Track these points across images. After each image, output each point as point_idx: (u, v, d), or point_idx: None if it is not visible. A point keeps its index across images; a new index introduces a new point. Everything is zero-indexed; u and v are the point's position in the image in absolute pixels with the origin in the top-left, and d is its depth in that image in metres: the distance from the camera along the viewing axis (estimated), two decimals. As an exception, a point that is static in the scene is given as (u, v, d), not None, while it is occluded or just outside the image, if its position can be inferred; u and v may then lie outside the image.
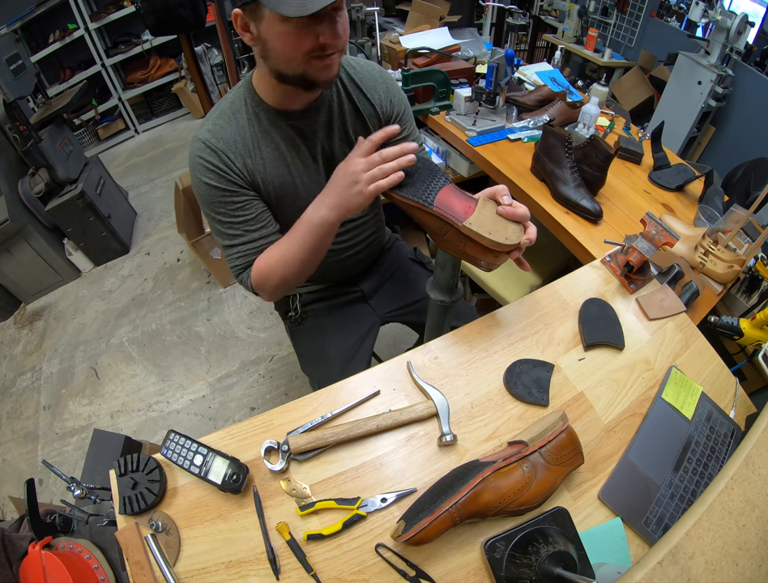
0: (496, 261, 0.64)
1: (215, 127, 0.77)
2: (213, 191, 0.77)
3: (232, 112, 0.78)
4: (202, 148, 0.76)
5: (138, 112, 3.80)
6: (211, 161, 0.75)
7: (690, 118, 2.53)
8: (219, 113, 0.79)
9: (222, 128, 0.77)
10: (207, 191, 0.77)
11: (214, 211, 0.79)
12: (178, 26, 1.87)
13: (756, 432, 0.51)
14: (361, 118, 0.86)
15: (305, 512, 0.60)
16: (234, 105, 0.79)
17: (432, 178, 0.65)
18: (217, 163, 0.75)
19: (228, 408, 1.80)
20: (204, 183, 0.76)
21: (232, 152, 0.76)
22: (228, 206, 0.78)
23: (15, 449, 1.79)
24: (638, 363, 0.79)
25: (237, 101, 0.79)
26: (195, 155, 0.76)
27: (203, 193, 0.78)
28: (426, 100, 1.58)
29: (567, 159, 1.16)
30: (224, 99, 0.81)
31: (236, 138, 0.77)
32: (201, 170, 0.76)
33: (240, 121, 0.78)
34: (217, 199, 0.77)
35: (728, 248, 0.99)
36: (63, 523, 0.68)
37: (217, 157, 0.75)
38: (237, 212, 0.78)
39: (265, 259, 0.80)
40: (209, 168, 0.75)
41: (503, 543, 0.56)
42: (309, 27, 0.63)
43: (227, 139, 0.76)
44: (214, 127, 0.77)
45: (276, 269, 0.79)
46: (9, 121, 2.05)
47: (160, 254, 2.58)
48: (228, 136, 0.77)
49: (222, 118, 0.78)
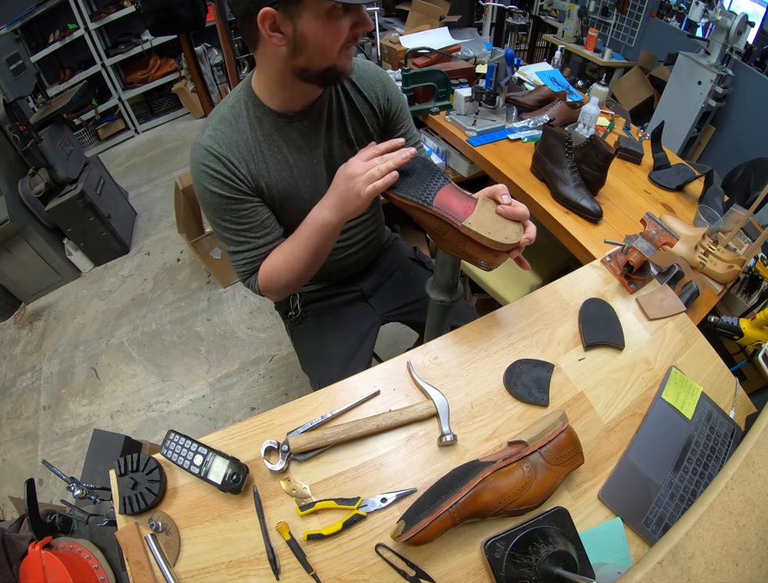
0: (496, 261, 0.64)
1: (216, 132, 0.76)
2: (218, 199, 0.76)
3: (233, 117, 0.77)
4: (204, 155, 0.75)
5: (138, 112, 3.80)
6: (214, 168, 0.75)
7: (690, 118, 2.53)
8: (219, 118, 0.77)
9: (223, 133, 0.76)
10: (212, 199, 0.76)
11: (219, 218, 0.79)
12: (178, 26, 1.87)
13: (756, 432, 0.51)
14: (360, 117, 0.86)
15: (305, 512, 0.60)
16: (234, 109, 0.78)
17: (431, 178, 0.65)
18: (221, 170, 0.75)
19: (228, 408, 1.80)
20: (209, 191, 0.76)
21: (236, 157, 0.76)
22: (233, 214, 0.78)
23: (15, 449, 1.79)
24: (638, 363, 0.79)
25: (237, 105, 0.78)
26: (198, 161, 0.75)
27: (208, 200, 0.77)
28: (426, 100, 1.58)
29: (567, 159, 1.16)
30: (223, 103, 0.80)
31: (239, 142, 0.77)
32: (205, 178, 0.75)
33: (241, 126, 0.77)
34: (222, 207, 0.77)
35: (728, 248, 0.99)
36: (63, 523, 0.68)
37: (221, 163, 0.75)
38: (243, 219, 0.79)
39: (270, 263, 0.81)
40: (213, 175, 0.75)
41: (503, 543, 0.56)
42: (347, 18, 0.65)
43: (229, 144, 0.76)
44: (215, 133, 0.76)
45: (282, 272, 0.80)
46: (9, 121, 2.05)
47: (159, 254, 2.58)
48: (230, 141, 0.76)
49: (223, 123, 0.77)
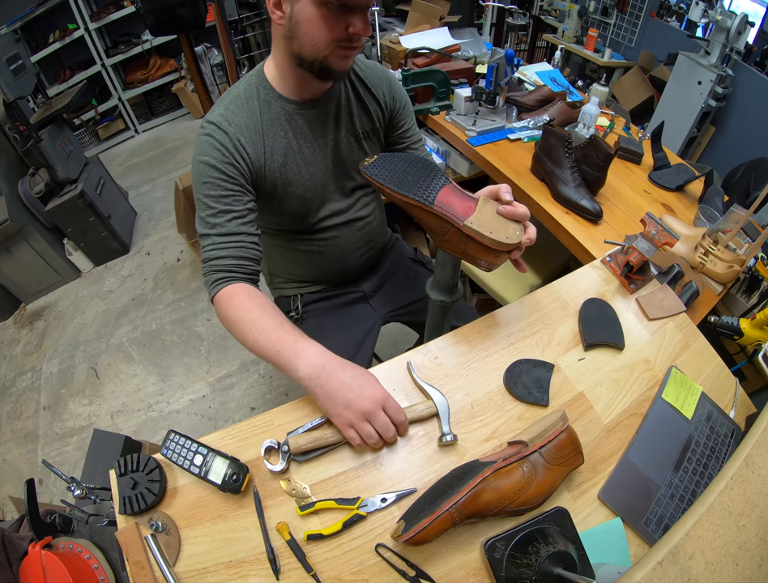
0: (496, 261, 0.64)
1: (227, 111, 0.77)
2: (210, 170, 0.74)
3: (245, 99, 0.79)
4: (213, 129, 0.75)
5: (138, 112, 3.80)
6: (220, 141, 0.75)
7: (690, 118, 2.53)
8: (231, 99, 0.79)
9: (234, 113, 0.77)
10: (205, 170, 0.75)
11: (203, 193, 0.75)
12: (178, 26, 1.87)
13: (756, 432, 0.51)
14: (367, 112, 0.89)
15: (305, 512, 0.60)
16: (246, 92, 0.79)
17: (432, 177, 0.65)
18: (226, 144, 0.75)
19: (228, 408, 1.80)
20: (204, 162, 0.74)
21: (244, 136, 0.77)
22: (218, 189, 0.75)
23: (15, 449, 1.79)
24: (638, 363, 0.79)
25: (249, 88, 0.80)
26: (205, 133, 0.76)
27: (201, 171, 0.75)
28: (426, 99, 1.58)
29: (567, 159, 1.16)
30: (236, 86, 0.81)
31: (248, 123, 0.77)
32: (207, 148, 0.75)
33: (251, 107, 0.78)
34: (211, 179, 0.75)
35: (728, 248, 0.99)
36: (63, 523, 0.68)
37: (228, 138, 0.75)
38: (225, 200, 0.75)
39: (241, 303, 0.72)
40: (216, 147, 0.75)
41: (503, 543, 0.56)
42: (343, 16, 0.66)
43: (238, 123, 0.76)
44: (226, 111, 0.77)
45: (237, 321, 0.71)
46: (9, 121, 2.05)
47: (159, 254, 2.58)
48: (239, 120, 0.77)
49: (234, 103, 0.78)
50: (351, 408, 0.60)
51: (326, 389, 0.62)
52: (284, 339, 0.67)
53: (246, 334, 0.70)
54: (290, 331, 0.68)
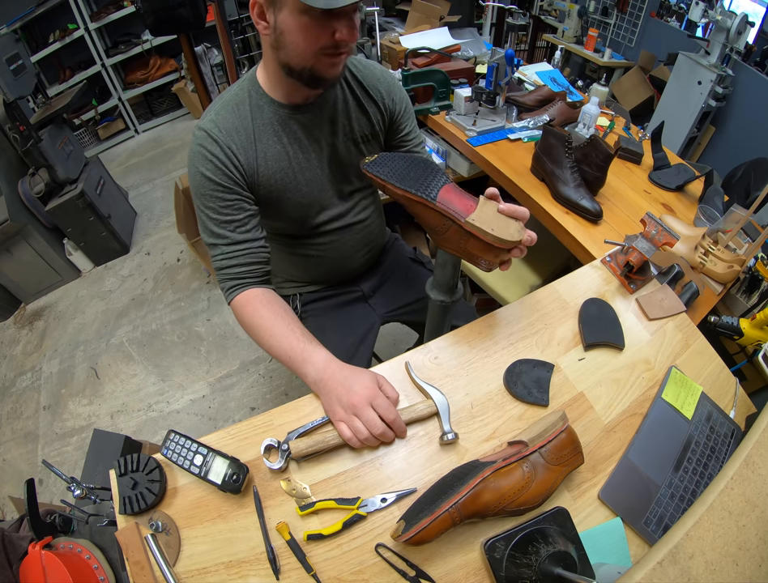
0: (496, 260, 0.64)
1: (217, 117, 0.77)
2: (207, 183, 0.76)
3: (236, 104, 0.78)
4: (204, 137, 0.75)
5: (138, 112, 3.80)
6: (211, 151, 0.75)
7: (690, 118, 2.53)
8: (222, 104, 0.78)
9: (225, 118, 0.77)
10: (202, 182, 0.76)
11: (203, 204, 0.77)
12: (178, 26, 1.86)
13: (756, 432, 0.51)
14: (366, 115, 0.88)
15: (305, 512, 0.60)
16: (238, 97, 0.79)
17: (433, 176, 0.65)
18: (218, 154, 0.75)
19: (228, 408, 1.80)
20: (200, 173, 0.75)
21: (234, 143, 0.76)
22: (218, 202, 0.76)
23: (15, 449, 1.79)
24: (638, 363, 0.79)
25: (241, 93, 0.79)
26: (197, 143, 0.76)
27: (197, 183, 0.77)
28: (426, 100, 1.58)
29: (567, 159, 1.16)
30: (228, 91, 0.81)
31: (239, 129, 0.77)
32: (200, 159, 0.75)
33: (243, 113, 0.78)
34: (209, 192, 0.76)
35: (728, 248, 0.99)
36: (63, 523, 0.68)
37: (218, 147, 0.75)
38: (225, 210, 0.77)
39: (256, 310, 0.77)
40: (208, 158, 0.75)
41: (503, 543, 0.56)
42: (328, 23, 0.64)
43: (229, 129, 0.76)
44: (217, 117, 0.77)
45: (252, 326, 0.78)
46: (9, 121, 2.05)
47: (159, 254, 2.58)
48: (230, 126, 0.76)
49: (225, 109, 0.77)
50: (341, 403, 0.64)
51: (326, 389, 0.66)
52: (294, 346, 0.71)
53: (262, 339, 0.76)
54: (300, 337, 0.72)
